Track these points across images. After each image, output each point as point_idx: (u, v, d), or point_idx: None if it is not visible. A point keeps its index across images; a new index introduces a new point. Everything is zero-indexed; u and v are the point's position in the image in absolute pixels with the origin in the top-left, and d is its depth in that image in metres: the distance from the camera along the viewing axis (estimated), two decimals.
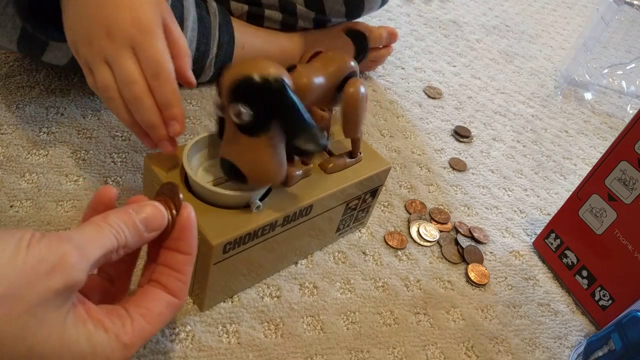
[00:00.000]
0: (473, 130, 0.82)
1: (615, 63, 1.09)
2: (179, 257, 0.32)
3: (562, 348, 0.53)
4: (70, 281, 0.26)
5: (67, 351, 0.26)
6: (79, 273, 0.26)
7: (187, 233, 0.32)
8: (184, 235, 0.32)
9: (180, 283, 0.32)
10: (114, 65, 0.40)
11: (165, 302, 0.31)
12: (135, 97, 0.40)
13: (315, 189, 0.47)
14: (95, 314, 0.28)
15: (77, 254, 0.26)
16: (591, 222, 0.57)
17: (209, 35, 0.65)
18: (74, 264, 0.26)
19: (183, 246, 0.32)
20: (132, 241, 0.30)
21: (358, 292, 0.51)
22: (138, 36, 0.40)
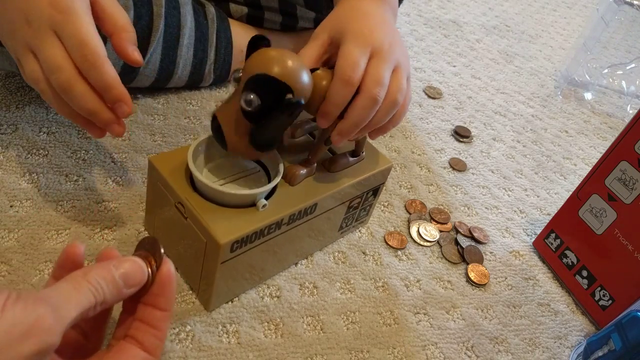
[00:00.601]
0: (473, 130, 0.82)
1: (615, 63, 1.09)
2: (156, 314, 0.32)
3: (562, 348, 0.53)
4: (44, 346, 0.25)
5: None
6: (53, 337, 0.25)
7: (166, 289, 0.32)
8: (163, 292, 0.32)
9: (156, 340, 0.31)
10: (38, 54, 0.38)
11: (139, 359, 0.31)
12: (63, 86, 0.37)
13: (319, 187, 0.47)
14: None
15: (52, 317, 0.25)
16: (591, 222, 0.57)
17: (206, 42, 0.65)
18: (48, 327, 0.25)
19: (161, 302, 0.32)
20: (110, 298, 0.29)
21: (358, 292, 0.51)
22: (57, 16, 0.37)
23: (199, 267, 0.43)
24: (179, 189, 0.42)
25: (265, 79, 0.37)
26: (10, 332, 0.24)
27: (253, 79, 0.38)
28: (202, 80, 0.68)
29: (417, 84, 0.89)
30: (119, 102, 0.39)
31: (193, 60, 0.64)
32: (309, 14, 0.74)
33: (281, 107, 0.38)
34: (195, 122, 0.65)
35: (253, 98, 0.37)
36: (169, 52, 0.61)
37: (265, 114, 0.38)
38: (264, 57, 0.38)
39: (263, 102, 0.38)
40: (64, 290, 0.27)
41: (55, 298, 0.26)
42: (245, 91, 0.38)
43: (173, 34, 0.61)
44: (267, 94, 0.37)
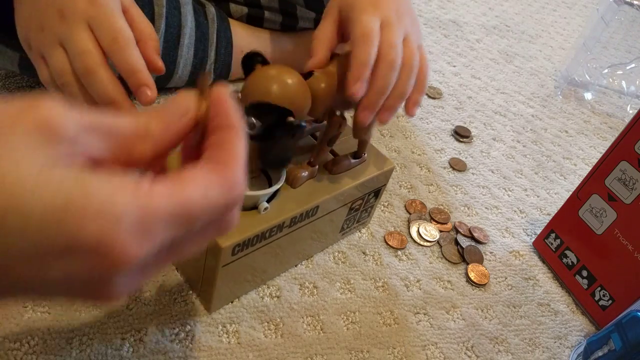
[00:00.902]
0: (473, 130, 0.82)
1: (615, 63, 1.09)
2: (222, 132, 0.26)
3: (562, 348, 0.53)
4: (43, 118, 0.20)
5: (42, 191, 0.19)
6: (57, 114, 0.21)
7: (222, 105, 0.26)
8: (220, 109, 0.26)
9: (227, 156, 0.25)
10: (67, 44, 0.38)
11: (204, 172, 0.24)
12: (87, 69, 0.37)
13: (320, 189, 0.47)
14: None
15: (58, 102, 0.21)
16: (591, 222, 0.57)
17: (206, 42, 0.65)
18: (50, 105, 0.21)
19: (222, 120, 0.26)
20: (156, 129, 0.24)
21: (358, 292, 0.51)
22: (92, 10, 0.38)
23: (200, 269, 0.43)
24: None
25: (263, 107, 0.37)
26: (10, 110, 0.21)
27: (253, 106, 0.38)
28: None
29: None
30: (144, 86, 0.39)
31: (193, 60, 0.64)
32: (309, 14, 0.74)
33: (282, 130, 0.38)
34: None
35: (254, 122, 0.37)
36: (170, 52, 0.61)
37: (268, 135, 0.39)
38: (263, 80, 0.38)
39: (264, 126, 0.38)
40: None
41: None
42: (246, 115, 0.37)
43: (174, 33, 0.61)
44: (267, 119, 0.38)
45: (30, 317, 0.41)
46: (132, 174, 0.21)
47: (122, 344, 0.41)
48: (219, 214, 0.24)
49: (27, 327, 0.40)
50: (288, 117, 0.38)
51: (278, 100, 0.37)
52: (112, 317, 0.43)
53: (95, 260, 0.20)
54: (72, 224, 0.19)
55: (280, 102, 0.38)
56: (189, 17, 0.62)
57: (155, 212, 0.21)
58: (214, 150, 0.25)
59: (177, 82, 0.66)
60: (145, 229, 0.21)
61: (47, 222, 0.19)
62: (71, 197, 0.19)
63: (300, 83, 0.39)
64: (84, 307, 0.43)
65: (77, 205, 0.19)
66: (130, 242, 0.20)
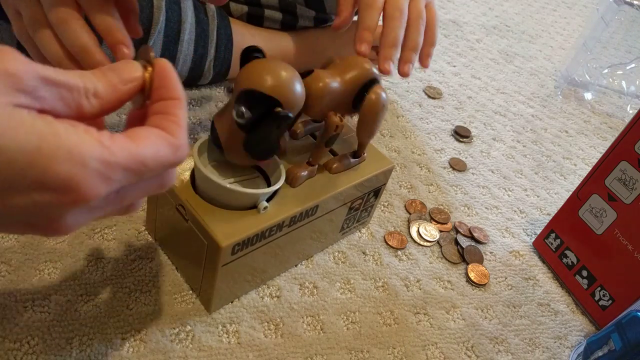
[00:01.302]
0: (473, 130, 0.82)
1: (615, 63, 1.09)
2: (167, 103, 0.29)
3: (562, 348, 0.53)
4: (6, 67, 0.22)
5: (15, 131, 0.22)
6: (15, 62, 0.23)
7: (166, 78, 0.30)
8: (165, 82, 0.30)
9: (173, 124, 0.28)
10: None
11: (155, 133, 0.27)
12: (60, 18, 0.38)
13: (320, 189, 0.47)
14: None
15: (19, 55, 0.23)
16: (591, 222, 0.57)
17: (206, 38, 0.65)
18: (12, 56, 0.23)
19: (168, 92, 0.30)
20: (104, 90, 0.27)
21: (358, 292, 0.51)
22: None
23: (200, 269, 0.43)
24: (180, 191, 0.42)
25: (254, 94, 0.38)
26: None
27: (243, 93, 0.38)
28: (202, 76, 0.68)
29: (417, 84, 0.89)
30: (121, 44, 0.39)
31: (193, 57, 0.64)
32: (309, 13, 0.74)
33: (269, 119, 0.39)
34: (195, 122, 0.65)
35: (243, 111, 0.38)
36: (170, 47, 0.61)
37: (256, 125, 0.39)
38: (256, 70, 0.39)
39: (253, 115, 0.38)
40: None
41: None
42: (236, 103, 0.38)
43: (174, 28, 0.61)
44: (256, 108, 0.38)
45: (30, 317, 0.41)
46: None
47: (122, 344, 0.41)
48: (164, 169, 0.28)
49: (27, 327, 0.40)
50: (276, 107, 0.38)
51: (269, 90, 0.38)
52: (112, 317, 0.43)
53: (60, 195, 0.23)
54: (44, 163, 0.22)
55: (271, 93, 0.38)
56: (189, 13, 0.62)
57: (116, 161, 0.24)
58: (161, 118, 0.29)
59: None
60: (106, 174, 0.24)
61: (19, 159, 0.22)
62: (44, 139, 0.22)
63: (295, 78, 0.39)
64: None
65: (50, 147, 0.22)
66: (93, 182, 0.24)
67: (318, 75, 0.43)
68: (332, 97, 0.44)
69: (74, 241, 0.47)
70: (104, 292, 0.44)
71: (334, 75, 0.44)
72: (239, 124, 0.39)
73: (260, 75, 0.38)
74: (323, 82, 0.42)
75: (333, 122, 0.44)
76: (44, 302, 0.42)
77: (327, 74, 0.43)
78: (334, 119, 0.44)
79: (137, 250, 0.48)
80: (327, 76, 0.43)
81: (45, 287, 0.43)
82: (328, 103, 0.44)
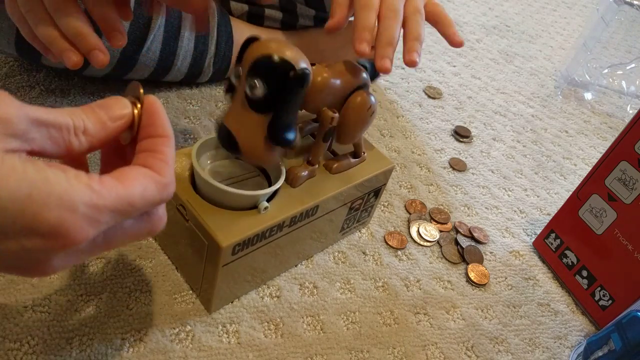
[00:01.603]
0: (473, 130, 0.82)
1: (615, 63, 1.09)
2: (155, 140, 0.30)
3: (562, 348, 0.53)
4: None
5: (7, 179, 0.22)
6: (7, 107, 0.23)
7: (155, 115, 0.30)
8: (153, 120, 0.30)
9: (160, 162, 0.29)
10: None
11: (143, 172, 0.28)
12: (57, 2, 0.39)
13: (320, 189, 0.47)
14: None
15: (11, 99, 0.23)
16: (591, 222, 0.57)
17: (207, 35, 0.65)
18: (5, 101, 0.23)
19: (156, 130, 0.30)
20: (93, 127, 0.27)
21: (358, 292, 0.51)
22: None
23: (200, 269, 0.43)
24: (180, 192, 0.42)
25: (267, 61, 0.37)
26: None
27: (254, 63, 0.37)
28: (201, 73, 0.68)
29: (417, 84, 0.89)
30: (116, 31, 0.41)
31: (193, 53, 0.64)
32: (309, 12, 0.74)
33: (290, 82, 0.37)
34: (195, 122, 0.65)
35: (257, 83, 0.37)
36: (170, 43, 0.61)
37: (271, 101, 0.38)
38: (263, 46, 0.38)
39: (269, 87, 0.37)
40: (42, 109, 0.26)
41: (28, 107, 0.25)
42: (249, 77, 0.37)
43: (174, 24, 0.61)
44: (271, 76, 0.37)
45: (30, 317, 0.41)
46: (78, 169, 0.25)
47: (122, 344, 0.41)
48: (151, 207, 0.28)
49: (27, 327, 0.40)
50: (290, 71, 0.37)
51: (282, 55, 0.37)
52: (112, 317, 0.43)
53: (49, 241, 0.23)
54: (34, 210, 0.23)
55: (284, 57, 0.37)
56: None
57: (104, 204, 0.25)
58: (148, 155, 0.29)
59: (176, 75, 0.65)
60: (94, 217, 0.24)
61: (10, 207, 0.22)
62: (35, 186, 0.23)
63: (300, 53, 0.39)
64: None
65: (40, 194, 0.23)
66: (82, 227, 0.24)
67: (318, 69, 0.42)
68: (329, 92, 0.43)
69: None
70: (104, 292, 0.44)
71: (334, 72, 0.44)
72: (253, 101, 0.38)
73: (268, 47, 0.37)
74: (322, 76, 0.42)
75: (327, 115, 0.45)
76: (44, 302, 0.42)
77: (325, 69, 0.43)
78: (327, 112, 0.45)
79: (137, 250, 0.48)
80: (326, 71, 0.43)
81: (45, 287, 0.43)
82: (324, 98, 0.44)
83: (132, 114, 0.30)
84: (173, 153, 0.30)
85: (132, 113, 0.30)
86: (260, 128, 0.39)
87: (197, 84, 0.71)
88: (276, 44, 0.38)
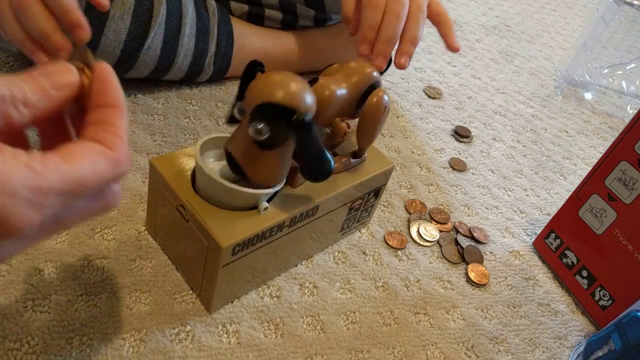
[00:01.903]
0: (473, 130, 0.82)
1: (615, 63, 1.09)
2: (106, 111, 0.27)
3: (562, 348, 0.53)
4: None
5: None
6: None
7: (106, 83, 0.27)
8: (104, 87, 0.27)
9: (112, 135, 0.26)
10: None
11: (93, 148, 0.25)
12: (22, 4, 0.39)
13: (320, 189, 0.47)
14: None
15: None
16: (591, 222, 0.57)
17: (207, 34, 0.65)
18: None
19: (107, 99, 0.27)
20: (34, 97, 0.25)
21: (358, 292, 0.51)
22: None
23: (200, 269, 0.43)
24: (181, 192, 0.42)
25: (269, 107, 0.37)
26: None
27: (257, 109, 0.37)
28: (201, 72, 0.68)
29: (417, 84, 0.89)
30: (76, 27, 0.39)
31: (194, 51, 0.64)
32: (309, 12, 0.74)
33: (290, 128, 0.38)
34: (195, 122, 0.65)
35: (262, 128, 0.37)
36: (171, 41, 0.61)
37: (277, 140, 0.38)
38: (266, 83, 0.38)
39: (272, 129, 0.37)
40: None
41: None
42: (253, 122, 0.37)
43: (175, 22, 0.61)
44: (274, 121, 0.37)
45: (30, 317, 0.41)
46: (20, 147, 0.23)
47: (122, 344, 0.41)
48: (104, 185, 0.26)
49: (27, 327, 0.40)
50: (292, 116, 0.37)
51: (283, 101, 0.37)
52: (112, 317, 0.43)
53: None
54: None
55: (285, 102, 0.37)
56: (190, 7, 0.63)
57: (49, 186, 0.22)
58: (98, 128, 0.26)
59: (176, 74, 0.65)
60: (37, 201, 0.22)
61: None
62: None
63: (305, 86, 0.39)
64: None
65: None
66: (23, 212, 0.22)
67: (323, 84, 0.43)
68: (337, 103, 0.44)
69: (74, 241, 0.47)
70: (104, 292, 0.44)
71: (339, 82, 0.44)
72: (259, 142, 0.38)
73: (271, 88, 0.37)
74: (329, 90, 0.43)
75: (341, 129, 0.45)
76: (44, 302, 0.42)
77: (331, 82, 0.43)
78: (341, 126, 0.45)
79: (137, 250, 0.48)
80: (332, 83, 0.43)
81: (45, 287, 0.43)
82: (334, 110, 0.44)
83: (79, 81, 0.27)
84: (126, 125, 0.27)
85: (79, 80, 0.27)
86: (268, 160, 0.40)
87: (197, 84, 0.71)
88: (280, 83, 0.37)
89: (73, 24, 0.39)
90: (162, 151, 0.59)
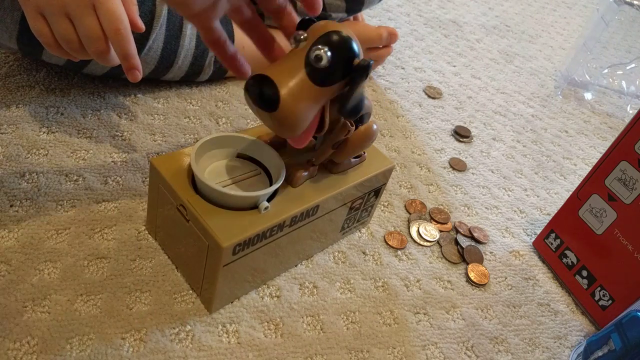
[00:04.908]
0: (473, 130, 0.82)
1: (615, 63, 1.09)
2: None
3: (562, 348, 0.53)
4: None
5: None
6: None
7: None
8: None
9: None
10: (78, 21, 0.43)
11: None
12: (100, 52, 0.45)
13: (320, 189, 0.47)
14: None
15: None
16: (591, 222, 0.57)
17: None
18: None
19: None
20: None
21: (358, 292, 0.51)
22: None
23: (200, 269, 0.43)
24: (181, 192, 0.42)
25: (339, 38, 0.38)
26: None
27: (327, 35, 0.38)
28: (202, 72, 0.68)
29: (417, 84, 0.89)
30: (134, 69, 0.46)
31: (195, 52, 0.64)
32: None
33: (355, 70, 0.38)
34: (195, 122, 0.65)
35: (323, 54, 0.37)
36: (172, 41, 0.61)
37: (331, 73, 0.38)
38: (332, 25, 0.39)
39: (336, 59, 0.37)
40: None
41: None
42: (317, 45, 0.37)
43: (176, 23, 0.61)
44: (339, 52, 0.38)
45: (30, 317, 0.41)
46: None
47: (122, 344, 0.41)
48: None
49: (27, 327, 0.40)
50: (355, 58, 0.38)
51: (351, 40, 0.38)
52: (112, 317, 0.43)
53: None
54: None
55: (352, 43, 0.38)
56: None
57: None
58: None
59: (176, 73, 0.65)
60: None
61: None
62: None
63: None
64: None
65: None
66: None
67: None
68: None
69: (74, 241, 0.47)
70: (104, 292, 0.44)
71: None
72: (314, 69, 0.37)
73: (340, 27, 0.39)
74: None
75: (345, 126, 0.45)
76: (44, 302, 0.42)
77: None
78: (346, 124, 0.45)
79: (137, 250, 0.48)
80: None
81: (45, 287, 0.43)
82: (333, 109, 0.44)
83: None
84: None
85: None
86: (308, 94, 0.38)
87: (197, 83, 0.71)
88: (344, 28, 0.39)
89: (132, 67, 0.45)
90: (162, 151, 0.59)
